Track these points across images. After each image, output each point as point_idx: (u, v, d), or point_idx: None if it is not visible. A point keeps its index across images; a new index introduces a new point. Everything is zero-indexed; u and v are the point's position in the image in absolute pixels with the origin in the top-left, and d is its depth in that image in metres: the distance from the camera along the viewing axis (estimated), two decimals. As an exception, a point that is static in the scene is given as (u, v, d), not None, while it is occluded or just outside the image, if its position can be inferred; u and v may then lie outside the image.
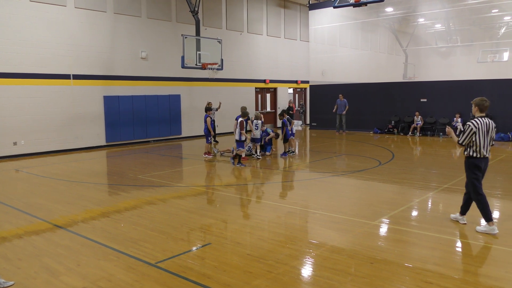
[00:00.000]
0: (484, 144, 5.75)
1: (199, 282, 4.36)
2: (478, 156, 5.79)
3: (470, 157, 5.87)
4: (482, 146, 5.75)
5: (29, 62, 13.96)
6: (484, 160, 5.84)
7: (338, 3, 15.27)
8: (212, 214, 6.99)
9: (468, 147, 5.84)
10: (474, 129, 5.71)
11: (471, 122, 5.77)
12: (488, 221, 5.80)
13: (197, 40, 15.51)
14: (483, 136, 5.73)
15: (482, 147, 5.75)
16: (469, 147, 5.83)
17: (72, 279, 4.50)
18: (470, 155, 5.85)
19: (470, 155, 5.84)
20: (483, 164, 5.85)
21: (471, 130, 5.72)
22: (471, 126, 5.73)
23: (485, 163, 5.89)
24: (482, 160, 5.82)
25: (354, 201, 7.82)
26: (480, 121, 5.75)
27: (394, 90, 20.11)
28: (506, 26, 20.72)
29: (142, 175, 10.41)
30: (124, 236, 5.87)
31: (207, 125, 13.04)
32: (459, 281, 4.29)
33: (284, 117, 13.07)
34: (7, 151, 13.66)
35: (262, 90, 23.97)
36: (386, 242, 5.61)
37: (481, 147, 5.75)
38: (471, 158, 5.86)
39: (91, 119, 15.78)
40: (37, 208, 7.48)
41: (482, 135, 5.72)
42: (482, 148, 5.75)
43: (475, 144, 5.76)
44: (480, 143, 5.74)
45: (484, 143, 5.75)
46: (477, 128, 5.71)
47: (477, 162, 5.82)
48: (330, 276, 4.46)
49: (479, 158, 5.79)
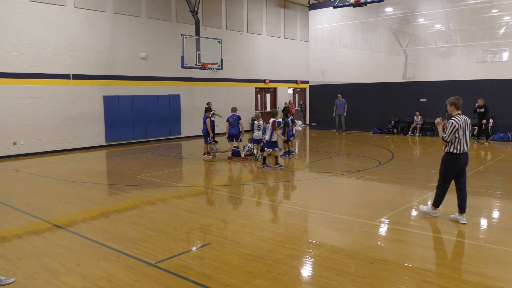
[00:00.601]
0: (464, 140, 6.10)
1: (199, 282, 4.36)
2: (457, 152, 6.11)
3: (450, 153, 6.18)
4: (463, 142, 6.10)
5: (29, 62, 13.96)
6: (463, 155, 6.15)
7: (338, 3, 15.27)
8: (212, 214, 6.99)
9: (450, 144, 6.14)
10: (457, 126, 6.01)
11: (453, 120, 6.07)
12: (435, 206, 6.41)
13: (196, 40, 15.52)
14: (464, 133, 6.07)
15: (463, 143, 6.10)
16: (451, 143, 6.14)
17: (72, 279, 4.50)
18: (450, 151, 6.16)
19: (451, 151, 6.15)
20: (461, 159, 6.15)
21: (454, 126, 6.01)
22: (454, 123, 6.03)
23: (464, 158, 6.19)
24: (461, 155, 6.13)
25: (353, 201, 7.82)
26: (460, 118, 6.07)
27: (393, 90, 20.12)
28: (505, 26, 20.73)
29: (142, 175, 10.41)
30: (124, 236, 5.87)
31: (207, 126, 13.03)
32: (459, 281, 4.29)
33: (288, 117, 13.09)
34: (7, 151, 13.66)
35: (262, 90, 23.97)
36: (386, 242, 5.61)
37: (462, 143, 6.09)
38: (450, 154, 6.17)
39: (91, 119, 15.78)
40: (36, 208, 7.48)
41: (462, 131, 6.06)
42: (464, 144, 6.10)
43: (457, 141, 6.08)
44: (462, 140, 6.08)
45: (464, 139, 6.10)
46: (459, 124, 6.02)
47: (456, 158, 6.14)
48: (329, 276, 4.47)
49: (458, 154, 6.12)
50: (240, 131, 12.57)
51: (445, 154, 6.25)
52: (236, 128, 12.55)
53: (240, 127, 12.55)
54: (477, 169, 10.61)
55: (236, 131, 12.55)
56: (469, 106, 17.16)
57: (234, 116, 12.66)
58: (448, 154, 6.19)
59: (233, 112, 12.80)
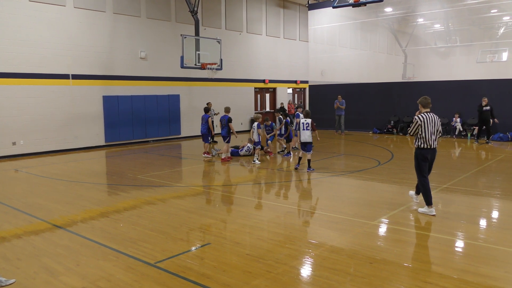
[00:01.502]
0: (430, 136, 6.55)
1: (199, 282, 4.36)
2: (425, 147, 6.59)
3: (418, 148, 6.70)
4: (429, 138, 6.55)
5: (28, 62, 13.95)
6: (431, 150, 6.63)
7: (338, 3, 15.27)
8: (212, 214, 6.99)
9: (417, 139, 6.67)
10: (420, 122, 6.57)
11: (417, 116, 6.66)
12: (428, 205, 6.61)
13: (196, 40, 15.51)
14: (429, 129, 6.54)
15: (428, 139, 6.55)
16: (417, 139, 6.66)
17: (71, 279, 4.50)
18: (418, 146, 6.68)
19: (419, 145, 6.67)
20: (429, 154, 6.63)
21: (417, 122, 6.60)
22: (417, 119, 6.61)
23: (432, 154, 6.67)
24: (429, 150, 6.61)
25: (353, 201, 7.82)
26: (425, 116, 6.59)
27: (393, 90, 20.12)
28: (505, 26, 20.76)
29: (142, 175, 10.40)
30: (124, 236, 5.87)
31: (209, 125, 13.04)
32: (458, 281, 4.29)
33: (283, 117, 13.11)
34: (6, 151, 13.65)
35: (261, 90, 23.97)
36: (386, 242, 5.61)
37: (427, 138, 6.55)
38: (419, 149, 6.69)
39: (90, 119, 15.77)
40: (36, 208, 7.48)
41: (428, 128, 6.53)
42: (429, 139, 6.55)
43: (422, 136, 6.56)
44: (426, 135, 6.55)
45: (430, 135, 6.55)
46: (422, 121, 6.55)
47: (424, 152, 6.62)
48: (329, 276, 4.46)
49: (426, 148, 6.60)
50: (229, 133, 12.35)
51: (415, 149, 6.77)
52: (225, 129, 12.38)
53: (228, 128, 12.33)
54: (477, 169, 10.62)
55: (224, 133, 12.40)
56: (469, 106, 17.21)
57: (225, 117, 12.47)
58: (417, 148, 6.72)
59: (225, 113, 12.61)
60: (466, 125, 17.51)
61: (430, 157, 6.64)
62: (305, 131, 10.42)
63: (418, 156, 6.69)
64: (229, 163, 12.09)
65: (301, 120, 10.56)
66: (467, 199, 7.77)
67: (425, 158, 6.62)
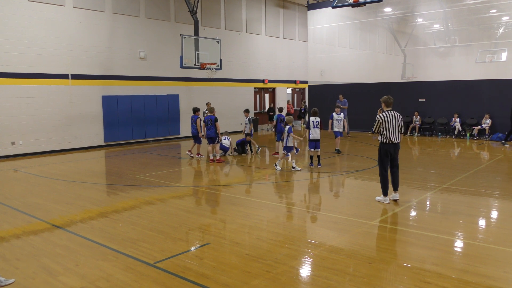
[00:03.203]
0: (391, 132, 7.14)
1: (198, 282, 4.36)
2: (387, 142, 7.19)
3: (381, 143, 7.30)
4: (391, 134, 7.14)
5: (28, 62, 13.94)
6: (393, 145, 7.22)
7: (337, 3, 15.26)
8: (211, 214, 6.99)
9: (380, 135, 7.26)
10: (381, 120, 7.16)
11: (378, 115, 7.23)
12: (384, 195, 7.33)
13: (195, 40, 15.51)
14: (390, 126, 7.11)
15: (390, 134, 7.14)
16: (380, 135, 7.26)
17: (70, 279, 4.49)
18: (381, 141, 7.29)
19: (382, 141, 7.27)
20: (391, 149, 7.24)
21: (379, 120, 7.19)
22: (379, 117, 7.20)
23: (394, 148, 7.26)
24: (391, 145, 7.21)
25: (352, 201, 7.83)
26: (387, 114, 7.18)
27: (392, 90, 20.04)
28: (504, 26, 20.78)
29: (141, 175, 10.40)
30: (123, 236, 5.87)
31: (197, 126, 12.76)
32: (458, 281, 4.29)
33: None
34: (5, 151, 13.64)
35: (260, 90, 23.97)
36: (385, 242, 5.61)
37: (389, 134, 7.14)
38: (381, 144, 7.30)
39: (90, 119, 15.76)
40: (35, 208, 7.47)
41: (389, 125, 7.11)
42: (390, 135, 7.14)
43: (384, 133, 7.15)
44: (388, 132, 7.14)
45: (392, 131, 7.13)
46: (383, 119, 7.14)
47: (386, 147, 7.23)
48: (328, 276, 4.46)
49: (388, 143, 7.19)
50: (218, 133, 12.07)
51: (379, 144, 7.35)
52: (212, 130, 12.05)
53: (216, 129, 12.04)
54: (477, 169, 10.62)
55: (212, 133, 12.08)
56: (469, 106, 17.22)
57: (210, 117, 12.16)
58: (380, 143, 7.32)
59: (210, 113, 12.31)
60: (465, 125, 17.52)
61: (392, 152, 7.25)
62: (315, 129, 10.90)
63: (381, 151, 7.30)
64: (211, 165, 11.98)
65: (311, 119, 11.02)
66: (466, 199, 7.77)
67: (387, 153, 7.24)
